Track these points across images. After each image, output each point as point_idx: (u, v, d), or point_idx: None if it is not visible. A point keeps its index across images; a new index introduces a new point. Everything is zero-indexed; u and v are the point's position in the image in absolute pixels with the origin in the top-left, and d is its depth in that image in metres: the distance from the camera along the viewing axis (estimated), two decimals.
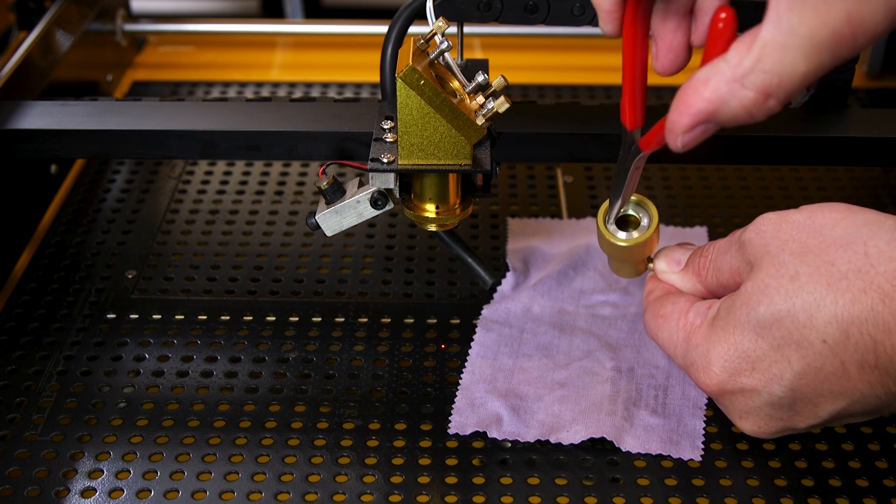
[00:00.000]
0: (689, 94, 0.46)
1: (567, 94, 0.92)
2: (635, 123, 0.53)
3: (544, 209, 0.77)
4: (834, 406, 0.50)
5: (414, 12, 0.62)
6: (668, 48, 0.52)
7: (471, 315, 0.66)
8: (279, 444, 0.57)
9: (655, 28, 0.52)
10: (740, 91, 0.45)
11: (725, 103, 0.45)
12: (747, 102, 0.45)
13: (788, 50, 0.43)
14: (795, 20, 0.43)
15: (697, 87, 0.46)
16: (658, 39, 0.52)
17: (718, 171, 0.81)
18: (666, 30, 0.52)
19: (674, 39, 0.52)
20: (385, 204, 0.61)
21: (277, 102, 0.69)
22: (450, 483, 0.55)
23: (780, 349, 0.49)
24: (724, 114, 0.46)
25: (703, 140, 0.48)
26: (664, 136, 0.49)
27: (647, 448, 0.56)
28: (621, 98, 0.53)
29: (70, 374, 0.62)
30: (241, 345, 0.64)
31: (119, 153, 0.71)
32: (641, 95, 0.52)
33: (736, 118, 0.46)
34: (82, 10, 0.87)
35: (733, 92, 0.45)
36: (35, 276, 0.70)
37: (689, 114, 0.46)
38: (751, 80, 0.44)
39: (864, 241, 0.48)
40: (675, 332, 0.54)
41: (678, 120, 0.47)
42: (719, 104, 0.45)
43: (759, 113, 0.45)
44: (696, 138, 0.48)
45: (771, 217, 0.52)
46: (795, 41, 0.43)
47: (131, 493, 0.54)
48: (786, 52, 0.43)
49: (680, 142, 0.48)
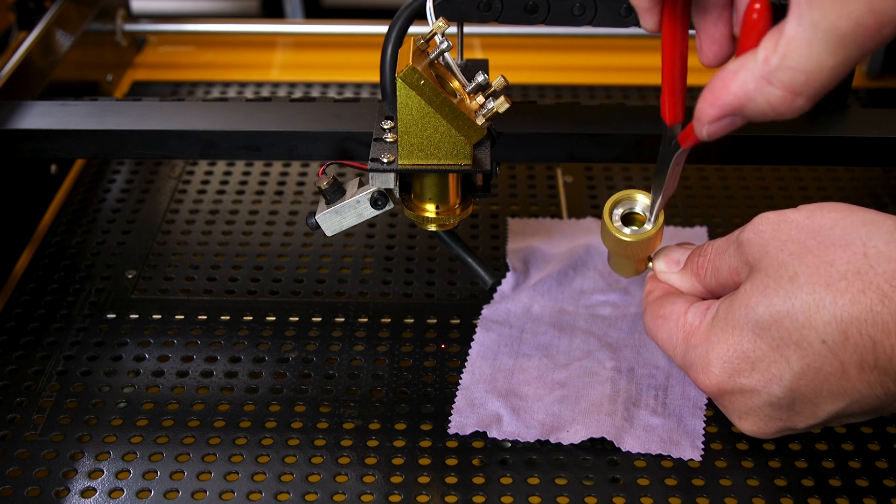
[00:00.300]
0: (717, 86, 0.46)
1: (567, 94, 0.92)
2: (675, 118, 0.53)
3: (544, 209, 0.77)
4: (833, 406, 0.50)
5: (414, 12, 0.62)
6: (712, 40, 0.52)
7: (471, 315, 0.66)
8: (279, 444, 0.57)
9: (696, 20, 0.52)
10: (767, 88, 0.44)
11: (752, 100, 0.45)
12: (774, 100, 0.45)
13: (813, 45, 0.43)
14: (817, 15, 0.43)
15: (726, 79, 0.46)
16: (700, 31, 0.52)
17: (718, 171, 0.81)
18: (707, 21, 0.51)
19: (716, 31, 0.51)
20: (385, 204, 0.61)
21: (277, 102, 0.69)
22: (450, 483, 0.55)
23: (780, 350, 0.49)
24: (751, 109, 0.46)
25: (730, 131, 0.48)
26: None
27: (647, 448, 0.56)
28: (661, 93, 0.52)
29: (70, 374, 0.62)
30: (241, 345, 0.64)
31: (119, 153, 0.71)
32: (681, 90, 0.52)
33: (763, 114, 0.46)
34: (82, 10, 0.87)
35: (760, 89, 0.45)
36: (35, 276, 0.70)
37: (716, 105, 0.46)
38: (778, 78, 0.44)
39: (863, 242, 0.48)
40: (675, 332, 0.54)
41: (705, 110, 0.47)
42: (746, 100, 0.45)
43: (788, 111, 0.45)
44: (723, 129, 0.48)
45: (770, 217, 0.52)
46: (819, 36, 0.43)
47: (131, 493, 0.54)
48: (811, 47, 0.43)
49: (706, 131, 0.48)
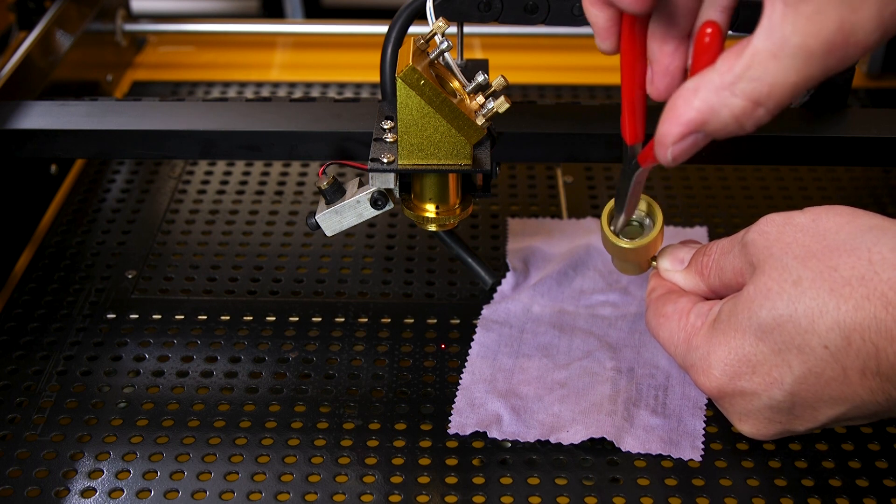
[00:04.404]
0: (678, 105, 0.46)
1: (567, 94, 0.92)
2: (635, 138, 0.53)
3: (544, 209, 0.77)
4: (834, 411, 0.50)
5: (414, 12, 0.62)
6: (665, 72, 0.51)
7: (471, 315, 0.66)
8: (279, 444, 0.57)
9: (653, 51, 0.51)
10: (730, 99, 0.44)
11: (715, 112, 0.45)
12: (737, 111, 0.45)
13: (780, 60, 0.43)
14: (789, 29, 0.43)
15: (687, 96, 0.46)
16: (655, 63, 0.52)
17: (718, 171, 0.81)
18: (664, 53, 0.51)
19: (671, 63, 0.51)
20: (385, 204, 0.61)
21: (277, 102, 0.69)
22: (450, 483, 0.55)
23: (781, 353, 0.49)
24: (715, 123, 0.45)
25: (693, 153, 0.47)
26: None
27: (647, 448, 0.56)
28: (621, 113, 0.52)
29: (70, 374, 0.62)
30: (241, 345, 0.64)
31: (119, 153, 0.71)
32: (641, 110, 0.52)
33: (726, 127, 0.45)
34: (82, 10, 0.87)
35: (723, 100, 0.45)
36: (35, 276, 0.70)
37: (679, 123, 0.46)
38: (740, 88, 0.44)
39: (868, 248, 0.47)
40: (676, 332, 0.54)
41: (668, 131, 0.47)
42: (709, 113, 0.45)
43: (749, 122, 0.45)
44: (686, 150, 0.47)
45: (774, 218, 0.51)
46: (787, 51, 0.43)
47: (131, 493, 0.54)
48: (777, 61, 0.43)
49: (670, 154, 0.47)
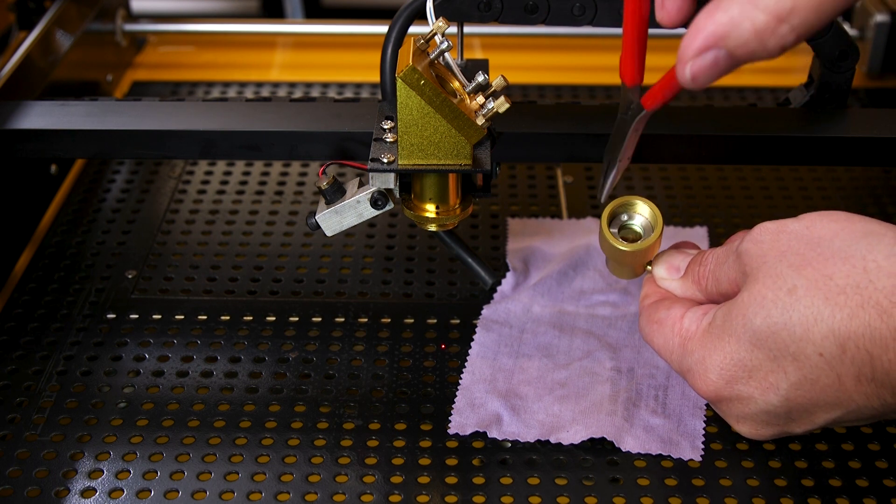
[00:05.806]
0: (700, 18, 0.45)
1: (567, 94, 0.92)
2: (635, 80, 0.51)
3: (544, 209, 0.77)
4: (830, 415, 0.50)
5: (414, 12, 0.62)
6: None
7: (471, 315, 0.66)
8: (279, 444, 0.57)
9: None
10: (752, 12, 0.44)
11: (737, 25, 0.44)
12: (759, 24, 0.44)
13: None
14: None
15: (710, 9, 0.45)
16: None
17: (718, 171, 0.81)
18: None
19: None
20: (385, 204, 0.61)
21: (277, 102, 0.69)
22: (450, 483, 0.55)
23: (777, 360, 0.49)
24: (736, 38, 0.45)
25: (714, 75, 0.46)
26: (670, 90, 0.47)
27: (647, 448, 0.56)
28: (621, 53, 0.51)
29: (70, 374, 0.62)
30: (241, 345, 0.64)
31: (119, 153, 0.71)
32: (642, 50, 0.50)
33: (747, 44, 0.45)
34: (82, 10, 0.87)
35: (745, 13, 0.44)
36: (35, 276, 0.70)
37: (699, 36, 0.45)
38: (763, 2, 0.44)
39: (862, 256, 0.47)
40: (671, 337, 0.54)
41: (689, 44, 0.46)
42: (730, 26, 0.44)
43: (772, 41, 0.44)
44: (706, 70, 0.46)
45: (769, 227, 0.51)
46: None
47: (131, 493, 0.54)
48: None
49: (689, 70, 0.46)
